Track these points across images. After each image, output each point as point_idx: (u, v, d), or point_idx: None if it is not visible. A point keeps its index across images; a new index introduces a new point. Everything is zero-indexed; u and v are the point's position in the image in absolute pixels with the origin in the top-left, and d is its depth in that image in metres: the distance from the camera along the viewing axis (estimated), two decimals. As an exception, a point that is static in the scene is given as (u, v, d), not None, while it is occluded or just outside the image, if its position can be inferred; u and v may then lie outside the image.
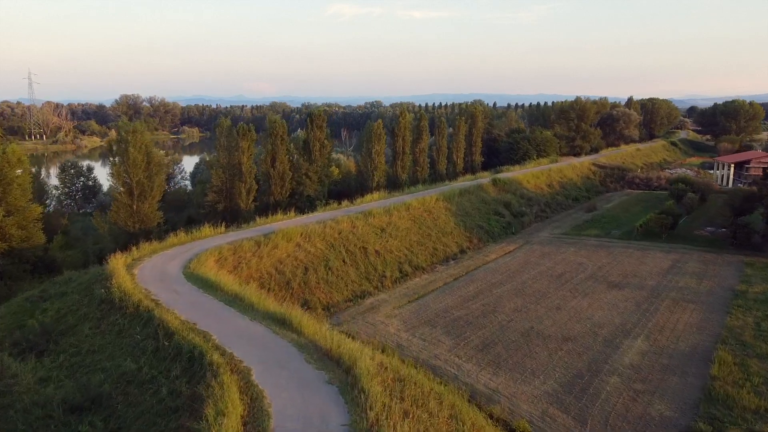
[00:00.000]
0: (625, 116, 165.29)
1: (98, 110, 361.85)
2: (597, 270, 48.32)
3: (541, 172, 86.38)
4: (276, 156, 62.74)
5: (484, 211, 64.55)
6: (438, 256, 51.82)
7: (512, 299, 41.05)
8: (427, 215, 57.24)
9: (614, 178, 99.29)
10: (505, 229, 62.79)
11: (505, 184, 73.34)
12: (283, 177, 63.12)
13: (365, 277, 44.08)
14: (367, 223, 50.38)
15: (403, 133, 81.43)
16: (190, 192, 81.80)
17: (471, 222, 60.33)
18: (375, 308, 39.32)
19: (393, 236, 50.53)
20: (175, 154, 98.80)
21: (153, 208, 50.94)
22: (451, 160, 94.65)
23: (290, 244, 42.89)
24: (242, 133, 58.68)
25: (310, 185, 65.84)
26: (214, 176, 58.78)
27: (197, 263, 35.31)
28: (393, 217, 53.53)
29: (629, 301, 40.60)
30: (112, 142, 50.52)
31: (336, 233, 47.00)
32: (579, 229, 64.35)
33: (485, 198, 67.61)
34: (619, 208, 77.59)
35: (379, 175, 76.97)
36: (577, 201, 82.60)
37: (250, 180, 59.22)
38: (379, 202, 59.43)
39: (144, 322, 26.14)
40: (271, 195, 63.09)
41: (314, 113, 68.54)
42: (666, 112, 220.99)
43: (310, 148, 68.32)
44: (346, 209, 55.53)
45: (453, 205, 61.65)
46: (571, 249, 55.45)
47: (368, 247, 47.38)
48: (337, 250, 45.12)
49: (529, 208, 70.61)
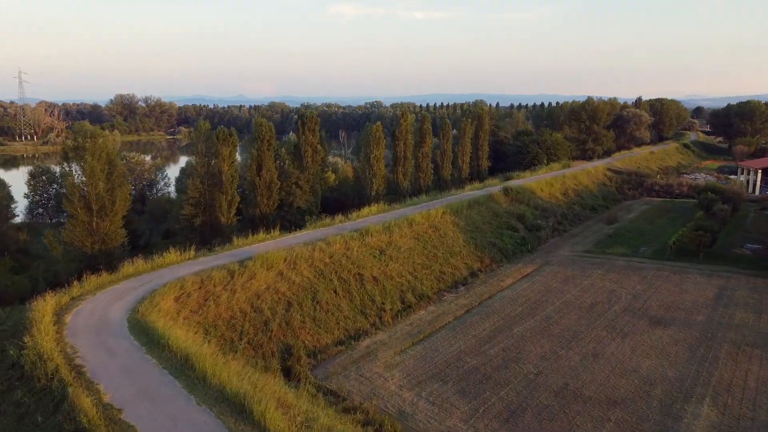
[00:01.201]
0: (636, 117, 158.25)
1: (93, 110, 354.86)
2: (632, 300, 41.27)
3: (555, 179, 79.33)
4: (262, 163, 55.79)
5: (496, 225, 57.51)
6: (446, 281, 44.81)
7: (537, 341, 34.01)
8: (432, 232, 50.21)
9: (632, 185, 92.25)
10: (519, 245, 55.74)
11: (518, 193, 66.32)
12: (270, 187, 56.16)
13: (360, 310, 37.05)
14: (363, 243, 43.37)
15: (404, 137, 74.49)
16: (173, 200, 74.86)
17: (482, 239, 53.30)
18: (372, 354, 32.30)
19: (394, 259, 43.51)
20: (158, 159, 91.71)
21: (116, 226, 44.00)
22: (456, 166, 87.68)
23: (271, 272, 35.87)
24: (222, 138, 51.70)
25: (301, 196, 58.86)
26: (190, 187, 51.81)
27: (149, 305, 28.28)
28: (393, 235, 46.51)
29: (680, 344, 33.54)
30: (67, 149, 43.50)
31: (327, 257, 39.97)
32: (603, 246, 57.29)
33: (496, 210, 60.56)
34: (643, 220, 70.52)
35: (378, 183, 70.03)
36: (595, 211, 75.56)
37: (231, 191, 52.27)
38: (377, 217, 52.42)
39: (55, 403, 19.16)
40: (256, 207, 56.17)
41: (306, 115, 61.55)
42: (675, 113, 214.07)
43: (301, 154, 61.37)
44: (339, 226, 48.52)
45: (461, 219, 54.62)
46: (598, 271, 48.39)
47: (365, 273, 40.35)
48: (328, 278, 38.09)
49: (545, 221, 63.58)
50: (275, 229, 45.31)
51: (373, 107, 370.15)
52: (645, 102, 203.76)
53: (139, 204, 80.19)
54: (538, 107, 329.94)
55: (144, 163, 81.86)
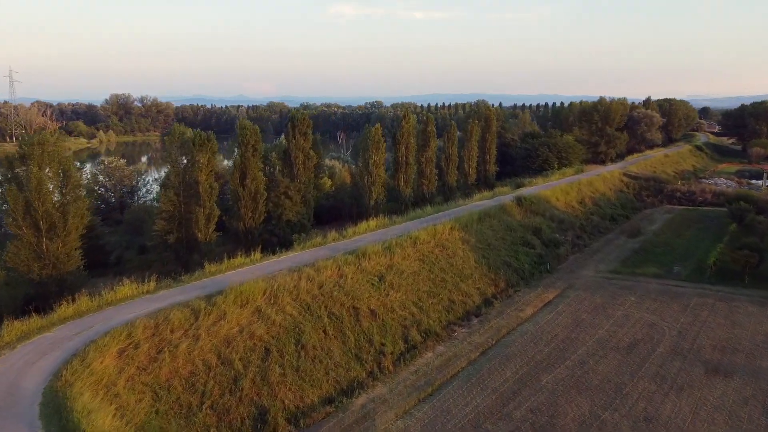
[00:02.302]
0: (647, 118, 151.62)
1: (88, 110, 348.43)
2: (679, 338, 34.77)
3: (570, 186, 72.85)
4: (246, 171, 49.30)
5: (510, 241, 51.02)
6: (456, 311, 38.33)
7: (573, 398, 27.54)
8: (439, 251, 43.74)
9: (651, 191, 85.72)
10: (537, 264, 49.27)
11: (532, 203, 59.84)
12: (256, 198, 49.68)
13: (355, 355, 30.59)
14: (359, 269, 36.91)
15: (406, 140, 68.07)
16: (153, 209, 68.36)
17: (495, 258, 46.83)
18: (368, 417, 25.84)
19: (395, 287, 37.04)
20: (139, 164, 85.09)
21: (69, 247, 37.58)
22: (462, 171, 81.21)
23: (246, 310, 29.43)
24: (199, 144, 45.22)
25: (291, 207, 52.37)
26: (163, 199, 45.35)
27: (80, 365, 21.84)
28: (395, 257, 40.04)
29: (751, 403, 27.06)
30: (12, 159, 37.01)
31: (315, 288, 33.50)
32: (631, 265, 50.78)
33: (510, 223, 54.06)
34: (669, 232, 64.01)
35: (377, 191, 63.59)
36: (615, 221, 69.04)
37: (210, 203, 45.79)
38: (376, 234, 45.99)
39: None
40: (240, 221, 49.71)
41: (296, 117, 55.04)
42: (684, 114, 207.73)
43: (291, 160, 54.89)
44: (332, 246, 42.08)
45: (472, 235, 48.14)
46: (631, 298, 41.92)
47: (361, 306, 33.88)
48: (316, 314, 31.62)
49: (563, 235, 57.11)
50: (257, 249, 38.81)
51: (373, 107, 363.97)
52: (653, 102, 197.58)
53: (119, 213, 74.01)
54: (541, 107, 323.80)
55: (123, 168, 75.31)
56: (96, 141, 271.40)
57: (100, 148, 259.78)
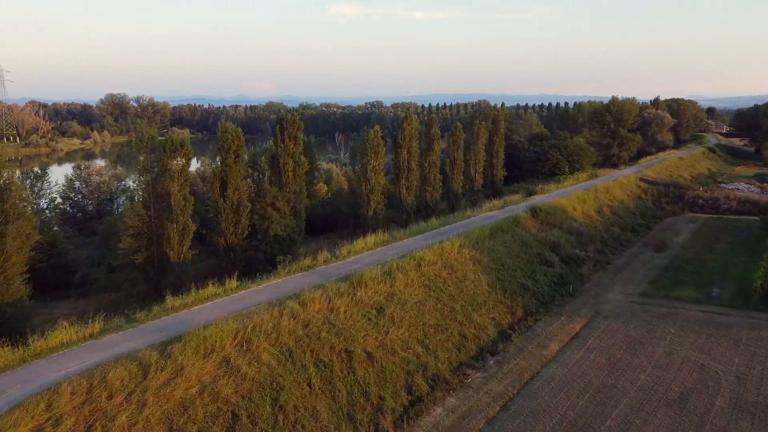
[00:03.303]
0: (658, 119, 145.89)
1: (83, 110, 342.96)
2: (738, 386, 28.88)
3: (586, 194, 66.96)
4: (227, 180, 43.43)
5: (526, 259, 45.13)
6: (468, 349, 32.44)
7: (623, 478, 21.68)
8: (447, 274, 37.84)
9: (670, 198, 79.81)
10: (557, 286, 43.41)
11: (548, 214, 53.94)
12: (238, 210, 43.83)
13: (347, 415, 24.69)
14: (354, 300, 31.04)
15: (408, 143, 62.18)
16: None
17: (511, 280, 40.93)
18: None
19: (397, 321, 31.16)
20: (118, 169, 79.11)
21: (11, 274, 31.71)
22: (468, 176, 75.37)
23: (210, 361, 23.55)
24: (171, 150, 39.36)
25: (279, 220, 46.47)
26: (129, 213, 39.51)
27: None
28: (396, 283, 34.15)
29: None
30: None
31: (300, 327, 27.61)
32: (663, 286, 44.90)
33: (525, 238, 48.17)
34: (698, 245, 58.11)
35: (376, 199, 57.78)
36: (636, 233, 63.13)
37: (183, 218, 39.94)
38: (375, 253, 40.12)
39: None
40: (221, 236, 43.85)
41: (286, 118, 49.09)
42: (692, 114, 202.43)
43: (279, 167, 49.03)
44: (323, 269, 36.18)
45: (483, 253, 42.25)
46: (671, 330, 36.03)
47: (355, 348, 28.01)
48: (300, 363, 25.74)
49: (584, 250, 51.22)
50: (240, 268, 32.89)
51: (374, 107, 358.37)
52: (662, 102, 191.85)
53: (97, 222, 68.22)
54: (544, 108, 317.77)
55: (101, 173, 69.50)
56: (90, 142, 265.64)
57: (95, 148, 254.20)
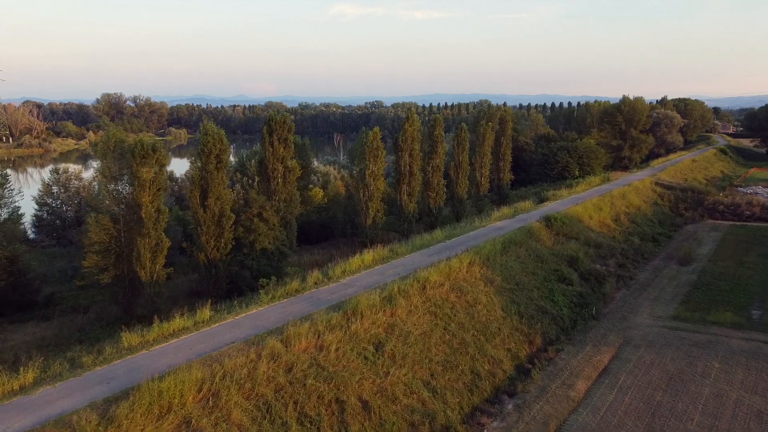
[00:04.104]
0: (667, 119, 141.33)
1: (79, 110, 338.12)
2: (808, 440, 24.14)
3: (602, 201, 62.18)
4: (209, 188, 38.66)
5: (543, 276, 40.34)
6: (482, 389, 27.65)
7: None
8: (456, 298, 33.06)
9: (688, 204, 74.96)
10: (578, 307, 38.64)
11: (564, 224, 49.15)
12: (221, 222, 39.04)
13: (338, 487, 19.93)
14: (348, 334, 26.25)
15: (410, 146, 57.38)
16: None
17: (527, 302, 36.14)
18: None
19: (398, 359, 26.38)
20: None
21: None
22: (473, 180, 70.60)
23: (165, 425, 18.76)
24: (141, 155, 34.59)
25: (267, 232, 41.69)
26: (94, 227, 34.69)
27: None
28: (398, 311, 29.37)
29: None
30: None
31: (282, 372, 22.82)
32: (696, 307, 40.09)
33: (540, 252, 43.37)
34: (726, 257, 53.28)
35: (375, 207, 53.04)
36: (657, 243, 58.31)
37: (156, 233, 35.18)
38: (373, 273, 35.31)
39: None
40: (201, 251, 39.11)
41: (275, 119, 44.25)
42: (699, 114, 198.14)
43: (268, 173, 44.26)
44: (312, 294, 31.37)
45: (496, 271, 37.46)
46: (715, 364, 31.24)
47: (348, 396, 23.21)
48: (279, 419, 20.96)
49: (604, 264, 46.47)
50: (204, 307, 27.99)
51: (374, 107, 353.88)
52: (669, 101, 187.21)
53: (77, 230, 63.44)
54: (548, 108, 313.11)
55: (80, 177, 64.82)
56: (85, 142, 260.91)
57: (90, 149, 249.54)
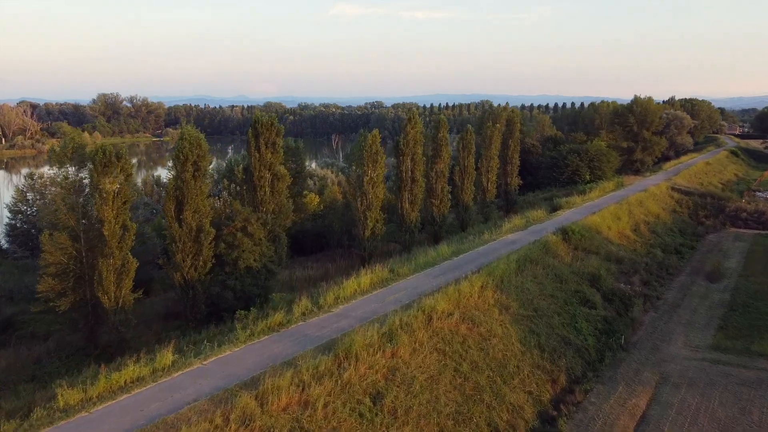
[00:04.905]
0: (677, 120, 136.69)
1: (75, 110, 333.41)
2: None
3: (619, 208, 57.54)
4: (185, 200, 34.06)
5: (563, 299, 35.70)
6: (501, 447, 23.02)
7: None
8: (468, 331, 28.41)
9: (708, 211, 70.33)
10: (604, 335, 33.99)
11: (582, 237, 44.53)
12: (199, 238, 34.42)
13: None
14: (340, 385, 21.59)
15: (412, 150, 52.65)
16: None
17: (548, 332, 31.50)
18: None
19: (401, 414, 21.73)
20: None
21: None
22: (479, 186, 65.96)
23: None
24: (103, 164, 29.99)
25: (252, 249, 37.03)
26: (48, 246, 30.06)
27: None
28: (400, 350, 24.72)
29: None
30: None
31: (254, 441, 18.21)
32: (737, 335, 35.43)
33: (559, 270, 38.71)
34: (759, 272, 48.59)
35: (374, 218, 48.28)
36: (680, 255, 53.56)
37: (122, 252, 30.56)
38: (370, 300, 30.65)
39: None
40: (176, 271, 34.51)
41: (261, 121, 39.51)
42: (707, 115, 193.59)
43: (253, 182, 39.63)
44: (299, 329, 26.68)
45: (511, 295, 32.82)
46: (771, 409, 26.65)
47: (338, 469, 18.58)
48: None
49: (628, 282, 41.86)
50: (166, 350, 23.31)
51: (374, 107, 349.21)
52: (677, 101, 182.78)
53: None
54: (551, 108, 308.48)
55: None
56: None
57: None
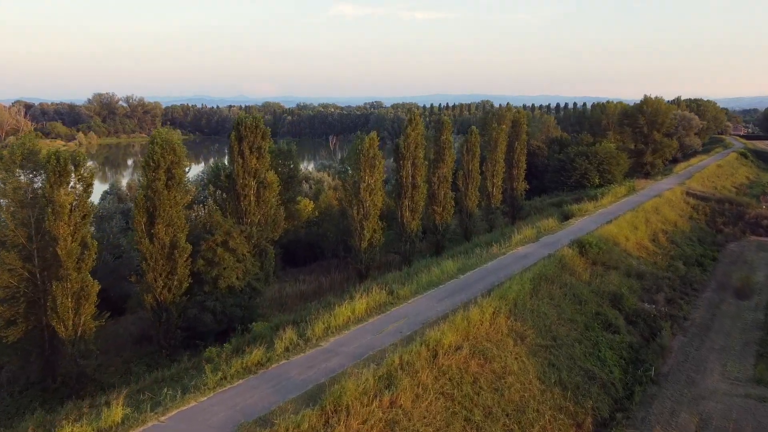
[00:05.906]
0: (685, 121, 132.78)
1: (71, 110, 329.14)
2: None
3: (635, 216, 53.51)
4: (156, 213, 30.05)
5: (583, 323, 31.68)
6: None
7: None
8: (479, 368, 24.36)
9: (726, 218, 66.35)
10: (631, 365, 30.00)
11: (600, 250, 40.49)
12: (173, 255, 30.43)
13: None
14: (325, 448, 17.58)
15: (413, 153, 48.68)
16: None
17: (570, 365, 27.47)
18: None
19: (401, 483, 17.71)
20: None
21: None
22: (484, 191, 61.97)
23: None
24: (58, 171, 26.02)
25: (234, 266, 33.02)
26: (-6, 267, 26.04)
27: None
28: (400, 397, 20.68)
29: None
30: None
31: None
32: (780, 365, 31.49)
33: (577, 290, 34.68)
34: (790, 288, 44.69)
35: (371, 227, 44.28)
36: (703, 268, 49.39)
37: (80, 274, 26.54)
38: (366, 328, 26.59)
39: None
40: (148, 292, 30.50)
41: (245, 123, 35.40)
42: (713, 115, 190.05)
43: (236, 190, 35.58)
44: (281, 367, 22.58)
45: (527, 321, 28.79)
46: (837, 464, 22.65)
47: None
48: None
49: (652, 301, 37.84)
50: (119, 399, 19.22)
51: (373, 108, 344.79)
52: (683, 102, 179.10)
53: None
54: (551, 108, 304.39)
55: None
56: (74, 143, 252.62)
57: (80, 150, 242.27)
